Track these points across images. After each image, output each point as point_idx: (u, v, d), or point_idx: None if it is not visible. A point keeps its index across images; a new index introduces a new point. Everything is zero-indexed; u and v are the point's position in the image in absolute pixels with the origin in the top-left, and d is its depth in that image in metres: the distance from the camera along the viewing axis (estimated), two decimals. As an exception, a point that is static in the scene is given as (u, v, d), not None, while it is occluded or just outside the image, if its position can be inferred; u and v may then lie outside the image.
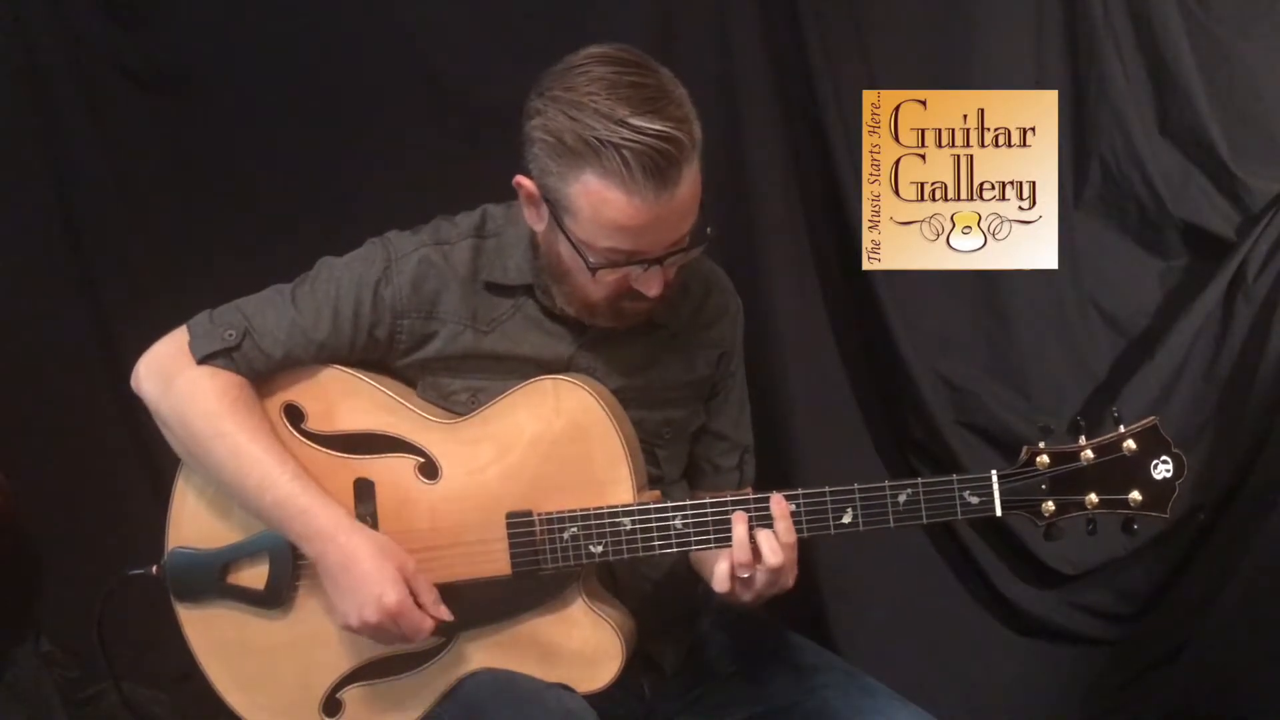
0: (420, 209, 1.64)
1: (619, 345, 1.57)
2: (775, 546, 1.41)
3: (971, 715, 2.31)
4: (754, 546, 1.41)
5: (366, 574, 1.44)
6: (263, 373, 1.53)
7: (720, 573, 1.42)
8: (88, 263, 2.30)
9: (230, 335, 1.50)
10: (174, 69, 2.26)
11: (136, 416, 2.10)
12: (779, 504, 1.43)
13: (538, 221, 1.48)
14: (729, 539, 1.44)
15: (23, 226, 2.26)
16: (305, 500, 1.47)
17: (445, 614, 1.47)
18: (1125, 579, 2.29)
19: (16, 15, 2.20)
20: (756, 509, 1.44)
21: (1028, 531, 2.16)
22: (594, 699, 1.48)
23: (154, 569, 1.56)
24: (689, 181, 1.38)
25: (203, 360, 1.50)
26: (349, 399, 1.54)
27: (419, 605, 1.45)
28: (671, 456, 1.64)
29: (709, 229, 1.46)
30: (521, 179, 1.45)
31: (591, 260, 1.41)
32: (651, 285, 1.44)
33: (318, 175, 2.27)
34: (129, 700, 1.92)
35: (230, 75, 2.25)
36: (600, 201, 1.36)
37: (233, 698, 1.57)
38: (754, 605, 1.46)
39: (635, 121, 1.33)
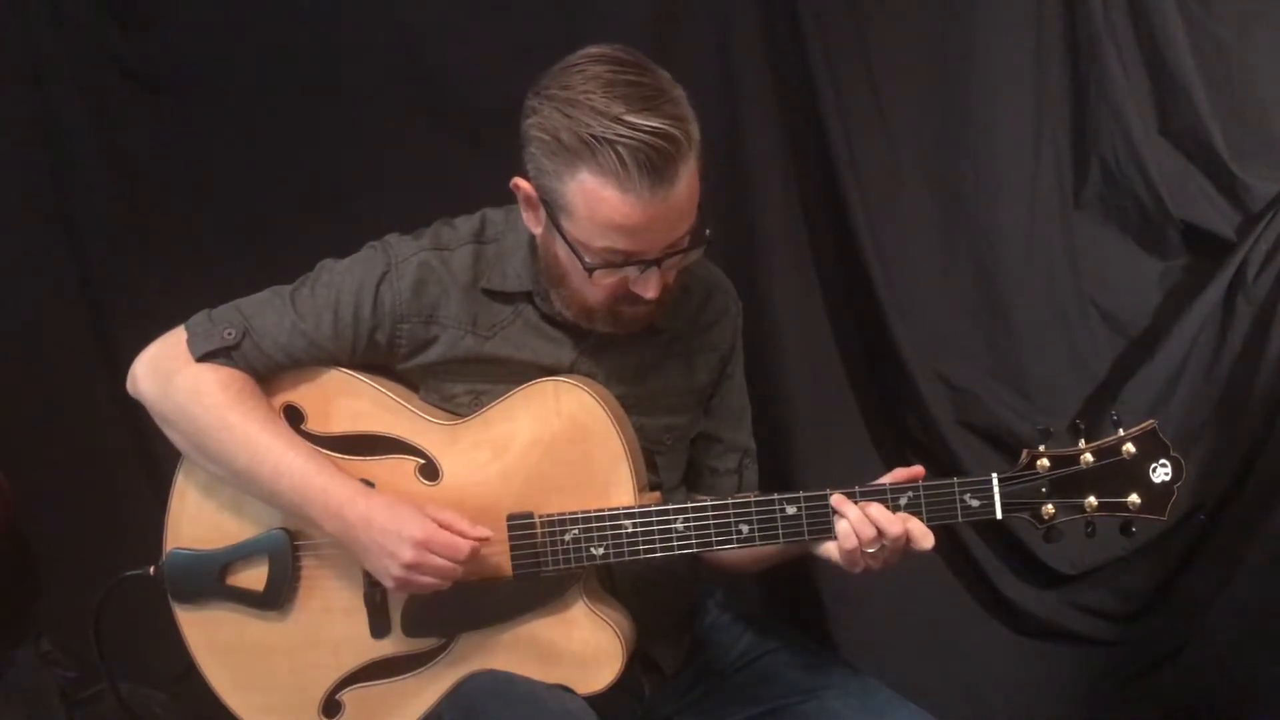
0: (420, 209, 1.63)
1: (620, 351, 1.57)
2: (892, 518, 1.41)
3: (971, 715, 2.31)
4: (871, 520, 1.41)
5: (384, 525, 1.44)
6: (261, 373, 1.52)
7: (844, 530, 1.42)
8: (88, 263, 2.30)
9: (230, 334, 1.50)
10: (174, 69, 2.26)
11: (136, 417, 2.08)
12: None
13: (535, 224, 1.48)
14: (730, 540, 1.44)
15: (23, 227, 2.27)
16: (323, 479, 1.47)
17: (483, 531, 1.45)
18: (1125, 579, 2.28)
19: (17, 15, 2.20)
20: (759, 511, 1.44)
21: (1027, 532, 2.16)
22: (594, 700, 1.48)
23: (151, 569, 1.56)
24: (686, 181, 1.36)
25: (201, 358, 1.49)
26: (349, 400, 1.54)
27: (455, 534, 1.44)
28: (670, 464, 1.64)
29: (708, 231, 1.45)
30: (519, 181, 1.45)
31: (587, 261, 1.40)
32: (649, 288, 1.42)
33: (318, 175, 2.27)
34: (126, 701, 1.91)
35: (230, 75, 2.25)
36: (596, 200, 1.35)
37: (231, 698, 1.57)
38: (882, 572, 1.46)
39: (631, 119, 1.32)
